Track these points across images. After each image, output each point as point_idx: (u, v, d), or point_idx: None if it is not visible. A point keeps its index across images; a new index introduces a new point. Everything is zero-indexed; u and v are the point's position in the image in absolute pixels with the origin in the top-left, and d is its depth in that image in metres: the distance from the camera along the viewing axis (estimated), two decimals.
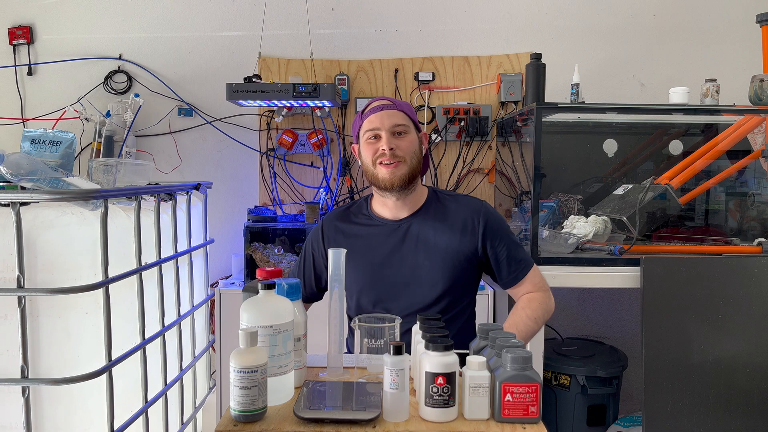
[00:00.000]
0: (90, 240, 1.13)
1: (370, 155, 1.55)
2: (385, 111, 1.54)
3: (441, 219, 1.58)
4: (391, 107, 1.55)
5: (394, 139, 1.53)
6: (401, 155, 1.53)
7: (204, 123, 2.76)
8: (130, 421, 1.20)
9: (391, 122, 1.53)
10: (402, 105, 1.58)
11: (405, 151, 1.53)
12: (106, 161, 1.48)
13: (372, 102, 1.60)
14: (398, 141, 1.53)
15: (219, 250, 2.65)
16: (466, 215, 1.58)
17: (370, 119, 1.55)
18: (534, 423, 1.01)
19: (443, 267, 1.55)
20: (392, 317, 1.19)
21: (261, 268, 1.27)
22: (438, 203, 1.62)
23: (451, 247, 1.56)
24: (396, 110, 1.55)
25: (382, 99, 1.60)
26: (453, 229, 1.57)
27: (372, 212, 1.64)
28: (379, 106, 1.56)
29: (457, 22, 2.72)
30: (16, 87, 2.75)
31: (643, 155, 2.61)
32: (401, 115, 1.55)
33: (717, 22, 2.69)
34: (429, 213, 1.60)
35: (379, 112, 1.54)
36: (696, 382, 1.94)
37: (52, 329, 1.11)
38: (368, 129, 1.55)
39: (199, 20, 2.74)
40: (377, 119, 1.54)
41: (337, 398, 1.08)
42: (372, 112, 1.56)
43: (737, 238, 2.25)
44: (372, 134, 1.54)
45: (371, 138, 1.55)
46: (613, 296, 2.72)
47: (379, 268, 1.57)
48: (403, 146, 1.54)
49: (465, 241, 1.56)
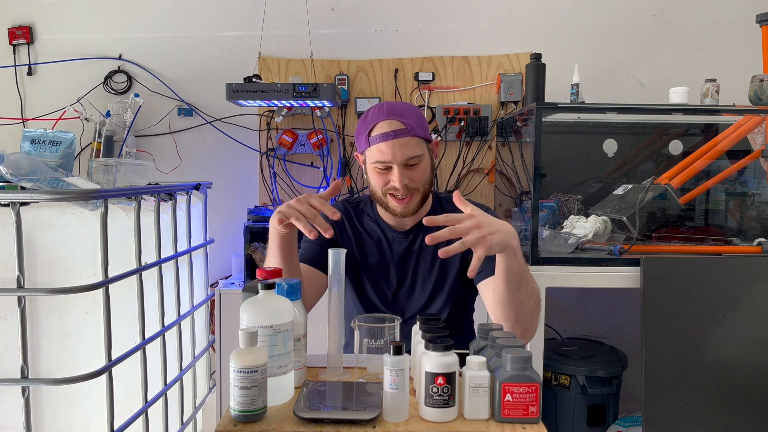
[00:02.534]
0: (90, 240, 1.13)
1: (380, 185, 1.44)
2: (397, 140, 1.38)
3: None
4: (404, 133, 1.38)
5: (407, 171, 1.41)
6: (415, 186, 1.43)
7: (204, 123, 2.76)
8: (130, 421, 1.20)
9: (404, 155, 1.38)
10: (415, 128, 1.40)
11: (418, 182, 1.43)
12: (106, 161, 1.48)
13: (379, 119, 1.40)
14: (411, 172, 1.41)
15: (219, 250, 2.65)
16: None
17: (380, 148, 1.39)
18: (534, 423, 1.01)
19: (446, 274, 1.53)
20: (392, 317, 1.19)
21: (261, 268, 1.26)
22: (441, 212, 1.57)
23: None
24: (410, 137, 1.39)
25: (392, 119, 1.39)
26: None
27: (377, 215, 1.58)
28: (391, 133, 1.38)
29: (457, 22, 2.72)
30: (16, 87, 2.75)
31: (643, 155, 2.61)
32: (415, 142, 1.40)
33: (717, 22, 2.69)
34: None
35: (390, 141, 1.38)
36: (696, 382, 1.94)
37: (52, 329, 1.11)
38: (378, 159, 1.40)
39: (199, 20, 2.74)
40: (389, 150, 1.38)
41: (337, 398, 1.08)
42: (383, 140, 1.39)
43: (737, 238, 2.25)
44: (382, 165, 1.41)
45: (381, 168, 1.42)
46: (613, 296, 2.72)
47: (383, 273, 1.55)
48: (417, 177, 1.42)
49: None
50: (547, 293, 2.02)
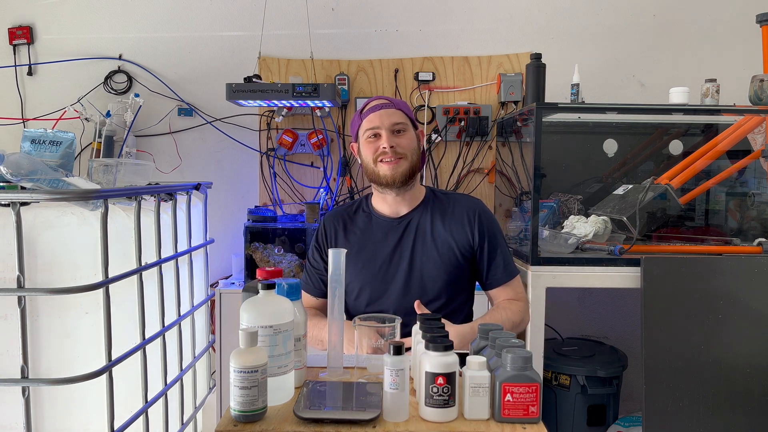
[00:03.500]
0: (90, 240, 1.13)
1: (370, 153, 1.59)
2: (384, 110, 1.58)
3: (439, 214, 1.63)
4: (390, 106, 1.59)
5: (394, 137, 1.57)
6: (402, 152, 1.57)
7: (204, 123, 2.76)
8: (130, 421, 1.20)
9: (391, 121, 1.57)
10: (399, 104, 1.63)
11: (405, 148, 1.58)
12: (106, 161, 1.48)
13: (370, 101, 1.64)
14: (398, 139, 1.58)
15: (219, 250, 2.65)
16: (462, 210, 1.64)
17: (369, 118, 1.59)
18: (534, 423, 1.01)
19: (441, 262, 1.59)
20: (392, 317, 1.19)
21: (261, 268, 1.27)
22: (436, 200, 1.67)
23: (448, 241, 1.60)
24: (394, 109, 1.59)
25: (380, 98, 1.63)
26: (450, 223, 1.62)
27: (372, 209, 1.68)
28: (378, 105, 1.60)
29: (457, 22, 2.72)
30: (16, 87, 2.75)
31: (643, 155, 2.61)
32: (400, 114, 1.59)
33: (717, 22, 2.69)
34: (427, 209, 1.64)
35: (378, 111, 1.58)
36: (696, 382, 1.94)
37: (52, 329, 1.11)
38: (368, 128, 1.59)
39: (199, 20, 2.74)
40: (377, 118, 1.58)
41: (337, 398, 1.08)
42: (371, 111, 1.60)
43: (737, 238, 2.25)
44: (372, 133, 1.59)
45: (371, 137, 1.59)
46: (613, 296, 2.71)
47: (380, 263, 1.61)
48: (404, 143, 1.58)
49: (461, 235, 1.61)
50: (547, 293, 2.02)
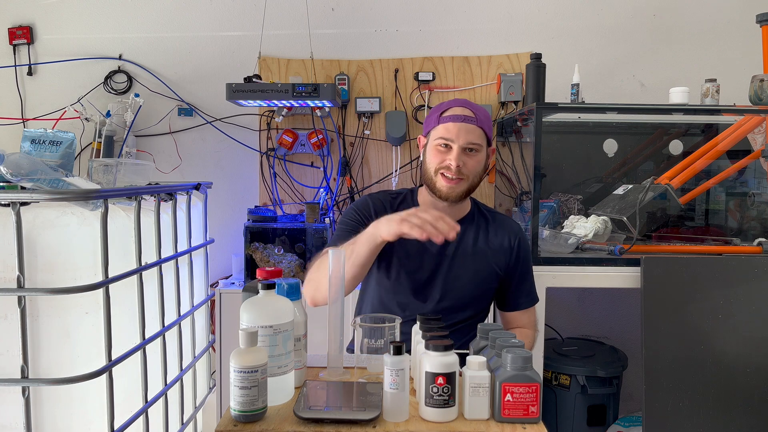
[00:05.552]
0: (90, 240, 1.13)
1: (435, 162, 1.52)
2: (465, 124, 1.50)
3: (483, 231, 1.62)
4: (472, 121, 1.50)
5: (464, 156, 1.50)
6: (466, 173, 1.51)
7: (204, 123, 2.76)
8: (130, 421, 1.20)
9: (467, 139, 1.49)
10: (482, 120, 1.52)
11: (470, 170, 1.51)
12: (106, 161, 1.48)
13: (453, 105, 1.54)
14: (467, 158, 1.50)
15: (219, 250, 2.65)
16: (505, 233, 1.62)
17: (447, 126, 1.50)
18: (534, 423, 1.01)
19: (476, 276, 1.58)
20: (392, 317, 1.19)
21: (261, 268, 1.27)
22: (480, 216, 1.64)
23: (487, 258, 1.59)
24: (476, 126, 1.50)
25: (464, 106, 1.53)
26: (492, 242, 1.61)
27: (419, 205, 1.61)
28: (461, 116, 1.50)
29: (457, 22, 2.72)
30: (16, 87, 2.75)
31: (643, 155, 2.61)
32: (479, 133, 1.51)
33: (717, 22, 2.69)
34: (473, 223, 1.62)
35: (458, 123, 1.49)
36: (696, 382, 1.94)
37: (52, 329, 1.11)
38: (442, 136, 1.51)
39: (199, 20, 2.74)
40: (454, 129, 1.49)
41: (337, 398, 1.08)
42: (451, 120, 1.50)
43: (737, 238, 2.25)
44: (444, 142, 1.51)
45: (442, 146, 1.51)
46: (613, 296, 2.72)
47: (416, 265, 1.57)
48: (471, 165, 1.51)
49: (500, 256, 1.61)
50: (547, 293, 2.02)
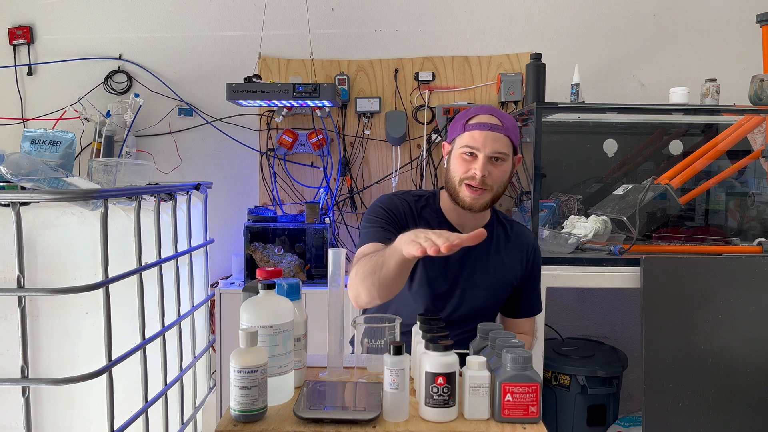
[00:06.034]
0: (90, 240, 1.13)
1: (460, 170, 1.49)
2: (492, 132, 1.46)
3: (502, 240, 1.62)
4: (499, 130, 1.46)
5: (490, 165, 1.46)
6: (490, 184, 1.47)
7: (204, 123, 2.76)
8: (130, 421, 1.20)
9: (494, 148, 1.45)
10: (510, 129, 1.49)
11: (495, 180, 1.48)
12: (106, 161, 1.48)
13: (480, 113, 1.50)
14: (492, 168, 1.47)
15: (219, 250, 2.65)
16: (521, 243, 1.63)
17: (473, 135, 1.47)
18: (534, 423, 1.01)
19: (492, 289, 1.59)
20: (392, 317, 1.19)
21: (261, 268, 1.27)
22: (499, 225, 1.64)
23: (503, 267, 1.60)
24: (503, 135, 1.46)
25: (491, 114, 1.49)
26: (509, 252, 1.61)
27: (441, 210, 1.60)
28: (488, 124, 1.46)
29: (457, 22, 2.72)
30: (16, 87, 2.75)
31: (643, 155, 2.61)
32: (506, 142, 1.47)
33: (717, 22, 2.69)
34: (492, 234, 1.60)
35: (485, 132, 1.46)
36: (696, 382, 1.94)
37: (52, 329, 1.11)
38: (468, 144, 1.47)
39: (199, 20, 2.74)
40: (481, 138, 1.46)
41: (337, 398, 1.08)
42: (478, 128, 1.47)
43: (737, 238, 2.25)
44: (469, 151, 1.47)
45: (467, 154, 1.47)
46: (613, 296, 2.72)
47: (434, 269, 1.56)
48: (496, 175, 1.47)
49: (515, 265, 1.61)
50: (547, 293, 2.02)
